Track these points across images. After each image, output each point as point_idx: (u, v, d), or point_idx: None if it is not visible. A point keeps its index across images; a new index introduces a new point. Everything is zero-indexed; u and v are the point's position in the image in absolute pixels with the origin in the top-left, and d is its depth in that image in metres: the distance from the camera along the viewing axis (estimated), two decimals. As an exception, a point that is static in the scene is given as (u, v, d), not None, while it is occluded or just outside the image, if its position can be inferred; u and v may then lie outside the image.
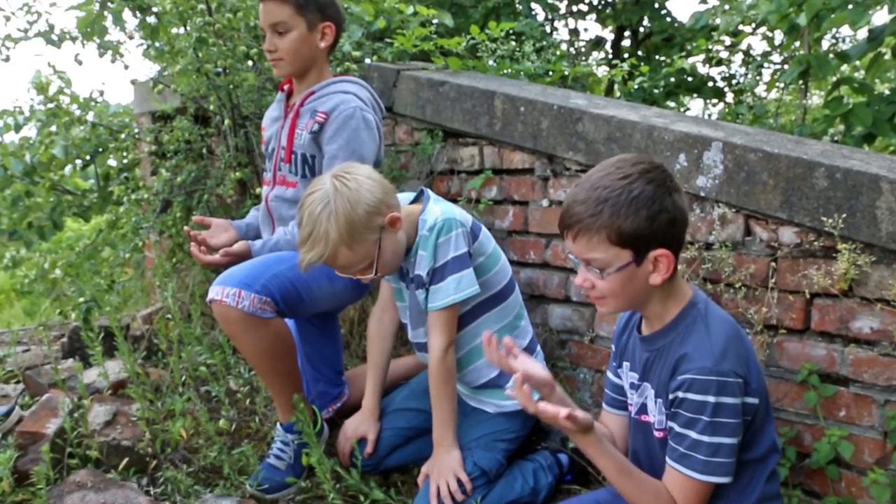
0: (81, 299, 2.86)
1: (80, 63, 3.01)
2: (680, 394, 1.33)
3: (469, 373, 1.97)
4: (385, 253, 1.77)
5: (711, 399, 1.30)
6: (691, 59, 5.56)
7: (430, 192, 1.93)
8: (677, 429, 1.35)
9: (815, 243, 1.71)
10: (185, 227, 2.06)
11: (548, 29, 6.80)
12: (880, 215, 1.58)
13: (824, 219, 1.66)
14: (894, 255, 1.59)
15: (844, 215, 1.62)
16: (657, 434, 1.44)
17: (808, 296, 1.73)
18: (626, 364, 1.55)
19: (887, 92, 3.03)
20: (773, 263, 1.78)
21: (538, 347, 2.05)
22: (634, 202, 1.31)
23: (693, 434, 1.32)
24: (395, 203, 1.78)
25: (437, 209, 1.84)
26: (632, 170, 1.35)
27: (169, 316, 2.50)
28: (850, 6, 2.73)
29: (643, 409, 1.48)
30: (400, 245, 1.82)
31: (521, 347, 1.98)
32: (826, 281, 1.68)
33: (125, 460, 2.01)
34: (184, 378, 2.39)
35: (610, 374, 1.63)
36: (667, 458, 1.38)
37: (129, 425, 2.11)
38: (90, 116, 3.29)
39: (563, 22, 7.33)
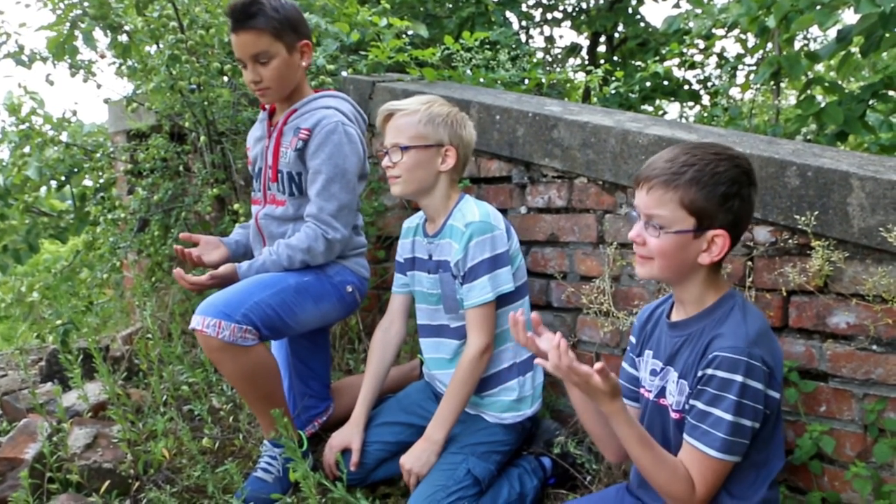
0: (59, 322, 2.83)
1: (51, 83, 2.97)
2: (709, 371, 1.34)
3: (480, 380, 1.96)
4: (419, 166, 1.93)
5: (739, 378, 1.31)
6: (666, 63, 5.62)
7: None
8: (700, 406, 1.35)
9: (790, 241, 1.73)
10: (176, 247, 2.04)
11: (523, 37, 6.84)
12: (852, 212, 1.60)
13: (797, 217, 1.67)
14: (867, 251, 1.61)
15: (817, 213, 1.64)
16: (674, 415, 1.45)
17: (784, 293, 1.74)
18: (647, 352, 1.56)
19: (858, 90, 3.07)
20: (749, 262, 1.80)
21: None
22: (716, 177, 1.35)
23: (717, 411, 1.33)
24: (462, 155, 1.98)
25: (475, 210, 1.93)
26: (723, 151, 1.40)
27: (149, 336, 2.48)
28: (818, 7, 2.77)
29: (662, 392, 1.49)
30: (428, 180, 1.96)
31: (529, 355, 1.99)
32: (801, 278, 1.70)
33: (107, 483, 1.99)
34: (165, 398, 2.37)
35: (626, 365, 1.65)
36: (685, 436, 1.38)
37: (111, 447, 2.08)
38: (64, 137, 3.26)
39: (538, 29, 7.39)
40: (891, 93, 3.01)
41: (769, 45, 3.29)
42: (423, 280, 2.05)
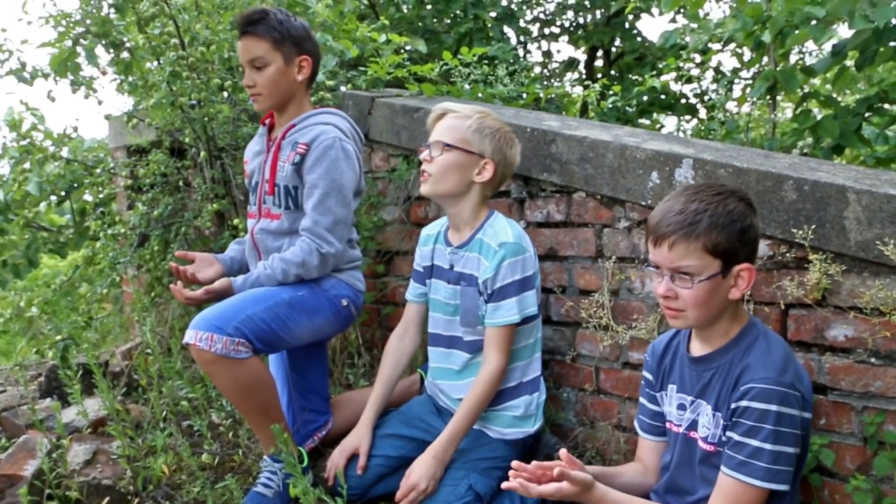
0: (58, 337, 2.82)
1: (52, 100, 3.01)
2: (743, 403, 1.37)
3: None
4: (454, 168, 1.94)
5: (774, 408, 1.35)
6: (663, 78, 5.64)
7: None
8: (737, 438, 1.38)
9: (787, 255, 1.73)
10: (171, 264, 2.06)
11: (521, 52, 6.88)
12: (848, 225, 1.61)
13: (795, 230, 1.68)
14: (864, 264, 1.62)
15: (814, 226, 1.65)
16: (706, 448, 1.48)
17: (783, 307, 1.75)
18: (671, 387, 1.59)
19: (853, 104, 3.09)
20: (747, 276, 1.81)
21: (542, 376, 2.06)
22: (730, 215, 1.41)
23: (754, 442, 1.36)
24: (500, 172, 1.98)
25: (509, 229, 1.94)
26: (722, 189, 1.45)
27: (148, 351, 2.48)
28: (813, 22, 2.79)
29: (693, 425, 1.52)
30: (460, 186, 1.96)
31: (535, 375, 2.01)
32: (799, 291, 1.70)
33: (106, 499, 1.98)
34: (165, 413, 2.36)
35: (645, 402, 1.67)
36: (722, 468, 1.41)
37: (110, 464, 2.08)
38: (64, 152, 3.27)
39: (535, 44, 7.44)
40: (886, 106, 3.04)
41: (765, 59, 3.31)
42: (441, 289, 2.05)
